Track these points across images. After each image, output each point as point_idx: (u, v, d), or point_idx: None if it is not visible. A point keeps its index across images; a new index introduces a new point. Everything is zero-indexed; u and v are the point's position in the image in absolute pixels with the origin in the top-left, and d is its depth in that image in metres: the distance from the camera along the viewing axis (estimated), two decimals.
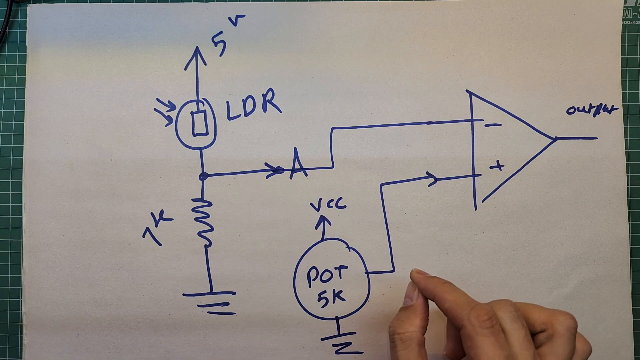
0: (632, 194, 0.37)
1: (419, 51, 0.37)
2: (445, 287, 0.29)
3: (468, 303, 0.27)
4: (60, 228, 0.36)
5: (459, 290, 0.29)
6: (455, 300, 0.28)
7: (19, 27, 0.38)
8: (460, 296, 0.28)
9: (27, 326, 0.36)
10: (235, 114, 0.37)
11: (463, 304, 0.27)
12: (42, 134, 0.37)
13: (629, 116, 0.37)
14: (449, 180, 0.37)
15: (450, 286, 0.29)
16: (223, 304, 0.36)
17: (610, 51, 0.37)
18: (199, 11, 0.37)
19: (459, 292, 0.29)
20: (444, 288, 0.29)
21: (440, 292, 0.29)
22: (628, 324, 0.36)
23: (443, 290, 0.29)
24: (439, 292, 0.29)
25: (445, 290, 0.29)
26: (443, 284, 0.29)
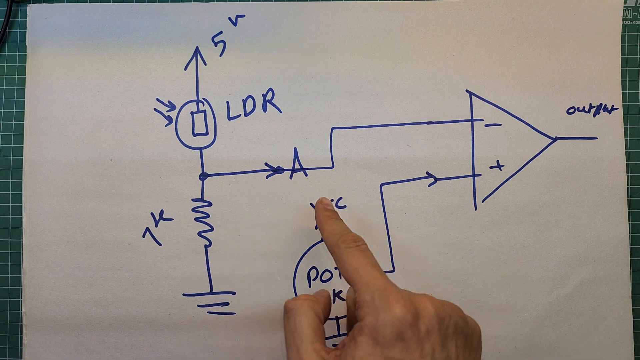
0: (632, 193, 0.37)
1: (419, 51, 0.37)
2: (327, 218, 0.32)
3: (341, 232, 0.30)
4: (60, 228, 0.36)
5: (340, 222, 0.31)
6: (331, 230, 0.30)
7: (18, 27, 0.38)
8: (336, 227, 0.31)
9: (27, 326, 0.36)
10: (235, 114, 0.37)
11: (336, 232, 0.30)
12: (42, 134, 0.37)
13: (629, 116, 0.37)
14: (449, 180, 0.37)
15: (332, 219, 0.32)
16: (223, 304, 0.36)
17: (610, 51, 0.37)
18: (199, 11, 0.37)
19: (338, 224, 0.31)
20: (325, 219, 0.32)
21: (322, 222, 0.32)
22: (628, 323, 0.36)
23: (325, 221, 0.32)
24: (321, 222, 0.32)
25: (326, 221, 0.31)
26: (327, 217, 0.32)
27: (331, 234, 0.30)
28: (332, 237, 0.30)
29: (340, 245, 0.28)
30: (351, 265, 0.27)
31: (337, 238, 0.29)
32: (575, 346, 0.36)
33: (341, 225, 0.31)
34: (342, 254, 0.28)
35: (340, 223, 0.31)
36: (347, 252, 0.28)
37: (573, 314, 0.36)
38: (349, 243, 0.28)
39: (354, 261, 0.27)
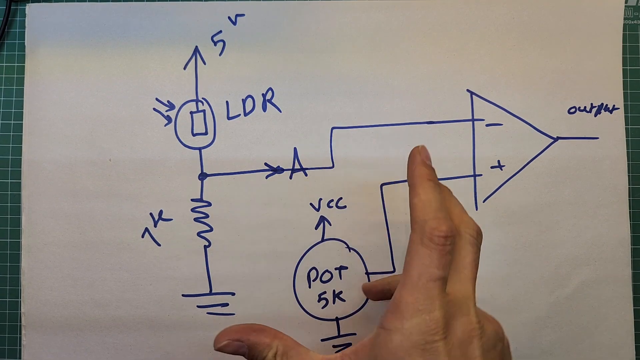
0: (634, 194, 0.37)
1: (420, 51, 0.37)
2: (425, 183, 0.25)
3: (436, 210, 0.24)
4: (59, 228, 0.36)
5: (437, 193, 0.25)
6: (426, 201, 0.24)
7: (17, 27, 0.38)
8: (434, 200, 0.24)
9: (26, 327, 0.36)
10: (235, 114, 0.37)
11: (430, 209, 0.24)
12: (41, 133, 0.36)
13: (630, 116, 0.37)
14: (450, 180, 0.36)
15: (432, 186, 0.25)
16: (223, 305, 0.36)
17: (611, 51, 0.37)
18: (199, 10, 0.37)
19: (438, 196, 0.24)
20: (422, 183, 0.25)
21: (417, 184, 0.25)
22: (629, 324, 0.36)
23: (421, 184, 0.25)
24: (414, 182, 0.25)
25: (424, 185, 0.25)
26: (423, 177, 0.25)
27: (423, 206, 0.24)
28: (421, 212, 0.24)
29: (425, 230, 0.23)
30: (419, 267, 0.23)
31: (428, 218, 0.23)
32: (577, 347, 0.36)
33: (437, 198, 0.24)
34: (420, 245, 0.23)
35: (437, 194, 0.25)
36: (425, 250, 0.23)
37: (574, 314, 0.36)
38: (436, 237, 0.23)
39: (425, 267, 0.23)
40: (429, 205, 0.24)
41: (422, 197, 0.24)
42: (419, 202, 0.24)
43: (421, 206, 0.24)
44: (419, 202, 0.24)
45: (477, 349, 0.23)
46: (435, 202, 0.24)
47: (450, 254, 0.23)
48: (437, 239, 0.23)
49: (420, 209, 0.24)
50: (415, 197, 0.25)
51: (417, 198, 0.24)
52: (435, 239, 0.23)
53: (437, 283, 0.23)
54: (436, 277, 0.23)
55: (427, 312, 0.22)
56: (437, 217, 0.23)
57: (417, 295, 0.22)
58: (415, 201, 0.24)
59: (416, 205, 0.24)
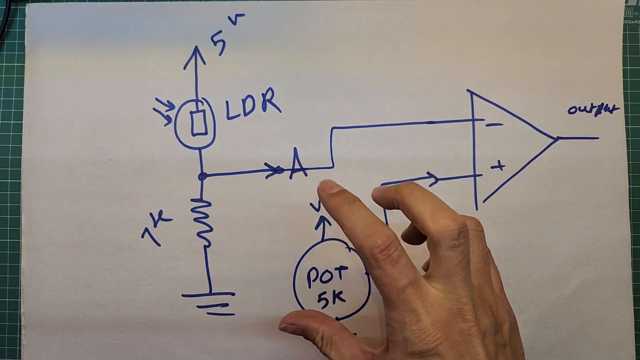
0: (634, 194, 0.37)
1: (420, 50, 0.37)
2: (342, 210, 0.25)
3: (363, 230, 0.24)
4: (59, 228, 0.36)
5: (363, 208, 0.25)
6: (351, 227, 0.24)
7: (17, 27, 0.38)
8: (357, 221, 0.24)
9: (25, 327, 0.36)
10: (235, 114, 0.37)
11: (358, 232, 0.24)
12: (41, 133, 0.36)
13: (631, 116, 0.37)
14: (450, 180, 0.36)
15: (349, 209, 0.25)
16: (222, 305, 0.36)
17: (611, 51, 0.37)
18: (198, 10, 0.37)
19: (360, 213, 0.25)
20: (339, 211, 0.25)
21: (338, 216, 0.25)
22: (629, 324, 0.36)
23: (339, 213, 0.25)
24: (336, 216, 0.25)
25: (342, 213, 0.25)
26: (340, 205, 0.25)
27: (353, 237, 0.24)
28: (356, 241, 0.24)
29: (367, 254, 0.23)
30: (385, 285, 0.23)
31: (362, 241, 0.24)
32: (577, 347, 0.36)
33: (360, 217, 0.25)
34: (372, 269, 0.23)
35: (358, 212, 0.25)
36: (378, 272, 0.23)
37: (574, 314, 0.36)
38: (380, 254, 0.23)
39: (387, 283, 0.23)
40: (355, 229, 0.24)
41: (347, 224, 0.25)
42: (348, 231, 0.24)
43: (351, 234, 0.24)
44: (347, 230, 0.24)
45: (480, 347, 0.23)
46: (360, 222, 0.24)
47: (402, 254, 0.23)
48: (380, 255, 0.23)
49: (352, 237, 0.24)
50: (343, 228, 0.25)
51: (344, 228, 0.25)
52: (379, 257, 0.23)
53: (409, 290, 0.23)
54: (403, 286, 0.23)
55: (415, 323, 0.23)
56: (367, 235, 0.23)
57: (398, 312, 0.23)
58: (345, 231, 0.25)
59: (348, 235, 0.24)
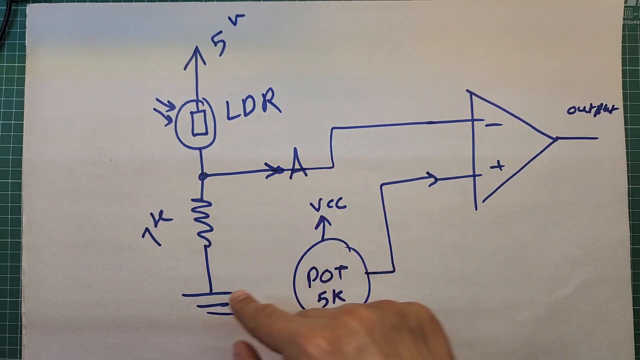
0: (633, 194, 0.37)
1: (420, 51, 0.37)
2: (259, 319, 0.26)
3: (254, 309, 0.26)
4: (60, 228, 0.36)
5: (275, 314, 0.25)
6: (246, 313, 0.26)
7: (18, 27, 0.38)
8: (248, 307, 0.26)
9: (26, 326, 0.36)
10: (235, 114, 0.37)
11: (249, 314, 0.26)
12: (42, 134, 0.36)
13: (630, 116, 0.37)
14: (450, 180, 0.36)
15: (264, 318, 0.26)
16: (223, 305, 0.36)
17: (610, 51, 0.37)
18: (199, 11, 0.37)
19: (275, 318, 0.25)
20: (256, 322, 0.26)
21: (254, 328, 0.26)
22: (629, 324, 0.36)
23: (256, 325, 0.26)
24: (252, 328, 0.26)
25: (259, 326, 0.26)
26: (256, 316, 0.26)
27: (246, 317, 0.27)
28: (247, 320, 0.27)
29: (252, 322, 0.26)
30: (265, 334, 0.25)
31: (249, 317, 0.26)
32: (576, 346, 0.36)
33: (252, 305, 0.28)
34: (255, 331, 0.25)
35: (251, 304, 0.29)
36: (259, 322, 0.25)
37: (574, 314, 0.36)
38: (260, 313, 0.26)
39: (265, 330, 0.25)
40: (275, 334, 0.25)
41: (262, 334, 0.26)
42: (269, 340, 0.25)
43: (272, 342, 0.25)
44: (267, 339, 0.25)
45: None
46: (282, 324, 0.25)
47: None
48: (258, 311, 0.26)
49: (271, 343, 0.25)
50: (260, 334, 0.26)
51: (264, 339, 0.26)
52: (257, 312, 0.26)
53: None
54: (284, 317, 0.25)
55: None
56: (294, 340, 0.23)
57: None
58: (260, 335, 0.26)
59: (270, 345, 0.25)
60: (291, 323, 0.23)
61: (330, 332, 0.21)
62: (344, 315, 0.22)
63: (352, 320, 0.22)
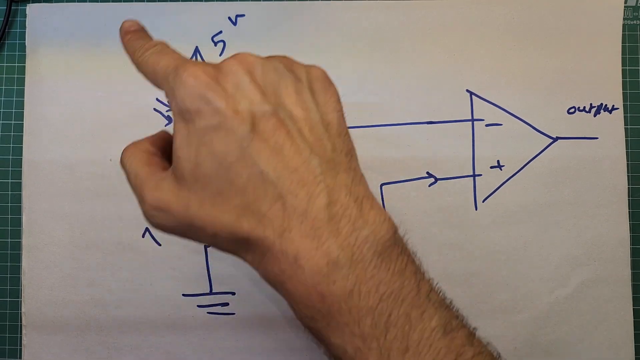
0: (633, 194, 0.37)
1: (419, 51, 0.37)
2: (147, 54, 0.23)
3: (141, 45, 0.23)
4: (60, 228, 0.36)
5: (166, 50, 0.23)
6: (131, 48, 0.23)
7: (18, 27, 0.38)
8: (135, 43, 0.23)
9: (26, 326, 0.36)
10: None
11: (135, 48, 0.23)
12: (41, 133, 0.36)
13: (630, 116, 0.37)
14: (450, 180, 0.36)
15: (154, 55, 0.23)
16: (223, 305, 0.36)
17: (610, 51, 0.37)
18: (199, 11, 0.37)
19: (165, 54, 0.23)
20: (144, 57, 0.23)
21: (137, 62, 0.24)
22: (629, 324, 0.36)
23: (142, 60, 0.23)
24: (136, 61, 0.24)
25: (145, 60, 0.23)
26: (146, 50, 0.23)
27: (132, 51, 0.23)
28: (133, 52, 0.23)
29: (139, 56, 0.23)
30: (150, 70, 0.22)
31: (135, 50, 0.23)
32: (576, 346, 0.36)
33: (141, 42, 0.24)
34: (141, 65, 0.23)
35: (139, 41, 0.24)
36: (146, 59, 0.22)
37: (574, 314, 0.36)
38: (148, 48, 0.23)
39: (152, 66, 0.22)
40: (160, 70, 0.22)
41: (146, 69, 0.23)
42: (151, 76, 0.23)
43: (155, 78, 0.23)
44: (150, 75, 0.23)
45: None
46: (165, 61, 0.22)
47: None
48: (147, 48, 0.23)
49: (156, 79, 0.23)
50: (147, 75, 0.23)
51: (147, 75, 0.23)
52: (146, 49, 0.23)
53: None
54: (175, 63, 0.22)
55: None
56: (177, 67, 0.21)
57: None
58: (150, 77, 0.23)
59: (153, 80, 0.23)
60: (178, 60, 0.22)
61: (211, 68, 0.20)
62: (228, 59, 0.21)
63: (234, 60, 0.21)
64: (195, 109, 0.20)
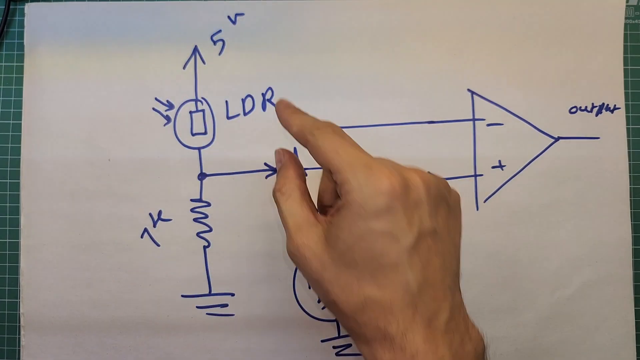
0: (635, 194, 0.37)
1: (420, 50, 0.37)
2: (293, 113, 0.27)
3: (313, 121, 0.26)
4: (58, 229, 0.36)
5: (308, 115, 0.27)
6: (302, 122, 0.26)
7: (16, 26, 0.38)
8: (307, 119, 0.26)
9: (25, 327, 0.36)
10: (234, 114, 0.37)
11: (308, 123, 0.26)
12: (40, 133, 0.36)
13: (632, 116, 0.37)
14: (451, 181, 0.36)
15: (298, 113, 0.27)
16: (222, 306, 0.36)
17: (612, 50, 0.37)
18: (198, 10, 0.37)
19: (308, 116, 0.27)
20: (291, 115, 0.27)
21: (288, 118, 0.27)
22: (630, 325, 0.36)
23: (291, 116, 0.27)
24: (287, 119, 0.27)
25: (293, 116, 0.27)
26: (292, 112, 0.27)
27: (302, 126, 0.26)
28: (304, 128, 0.26)
29: (314, 132, 0.25)
30: (329, 149, 0.24)
31: (311, 126, 0.25)
32: (578, 347, 0.36)
33: (311, 117, 0.27)
34: (317, 140, 0.25)
35: (309, 116, 0.27)
36: (324, 137, 0.24)
37: (575, 315, 0.36)
38: (324, 129, 0.25)
39: (332, 144, 0.24)
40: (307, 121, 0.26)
41: (297, 121, 0.26)
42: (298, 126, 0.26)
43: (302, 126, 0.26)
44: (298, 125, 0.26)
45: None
46: (310, 118, 0.26)
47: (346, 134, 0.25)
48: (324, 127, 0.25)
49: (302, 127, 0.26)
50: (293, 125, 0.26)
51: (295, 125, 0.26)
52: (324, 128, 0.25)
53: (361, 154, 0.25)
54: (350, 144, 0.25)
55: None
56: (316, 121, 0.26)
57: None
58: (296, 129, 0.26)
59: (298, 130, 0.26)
60: (363, 152, 0.24)
61: (401, 177, 0.22)
62: (409, 169, 0.24)
63: (418, 177, 0.23)
64: (375, 210, 0.22)
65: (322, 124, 0.26)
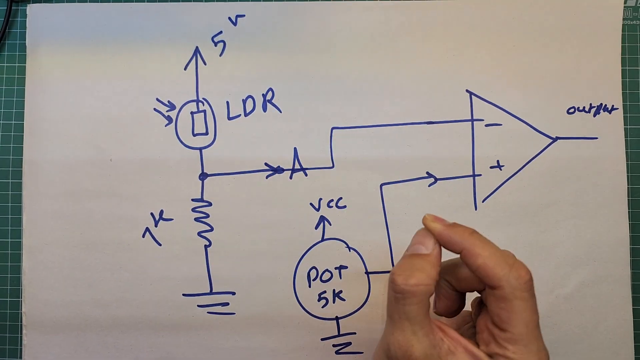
0: (633, 194, 0.37)
1: (419, 51, 0.37)
2: (475, 239, 0.25)
3: (505, 259, 0.24)
4: (60, 228, 0.36)
5: (489, 242, 0.25)
6: (490, 256, 0.24)
7: (18, 27, 0.38)
8: (494, 251, 0.25)
9: (26, 326, 0.36)
10: (235, 114, 0.37)
11: (500, 261, 0.24)
12: (42, 134, 0.36)
13: (629, 116, 0.37)
14: (449, 180, 0.37)
15: (480, 238, 0.25)
16: (223, 304, 0.36)
17: (610, 51, 0.37)
18: (199, 11, 0.37)
19: (491, 245, 0.25)
20: (474, 241, 0.25)
21: (471, 245, 0.25)
22: (628, 324, 0.36)
23: (473, 243, 0.25)
24: (469, 245, 0.25)
25: (476, 243, 0.25)
26: (471, 235, 0.25)
27: (493, 263, 0.24)
28: (497, 267, 0.24)
29: (513, 284, 0.24)
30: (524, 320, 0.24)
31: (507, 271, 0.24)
32: (576, 346, 0.36)
33: (494, 247, 0.25)
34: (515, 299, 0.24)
35: (491, 243, 0.25)
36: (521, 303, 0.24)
37: (573, 314, 0.36)
38: (525, 284, 0.24)
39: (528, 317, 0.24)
40: (496, 258, 0.24)
41: (484, 253, 0.25)
42: (485, 260, 0.24)
43: (490, 264, 0.24)
44: (485, 259, 0.24)
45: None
46: (497, 252, 0.25)
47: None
48: (527, 285, 0.24)
49: (491, 267, 0.24)
50: (478, 258, 0.25)
51: (480, 258, 0.24)
52: (526, 286, 0.24)
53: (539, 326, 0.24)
54: (537, 322, 0.24)
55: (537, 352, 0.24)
56: (512, 265, 0.24)
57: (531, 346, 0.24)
58: (480, 262, 0.24)
59: (484, 265, 0.24)
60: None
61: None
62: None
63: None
64: None
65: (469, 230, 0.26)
